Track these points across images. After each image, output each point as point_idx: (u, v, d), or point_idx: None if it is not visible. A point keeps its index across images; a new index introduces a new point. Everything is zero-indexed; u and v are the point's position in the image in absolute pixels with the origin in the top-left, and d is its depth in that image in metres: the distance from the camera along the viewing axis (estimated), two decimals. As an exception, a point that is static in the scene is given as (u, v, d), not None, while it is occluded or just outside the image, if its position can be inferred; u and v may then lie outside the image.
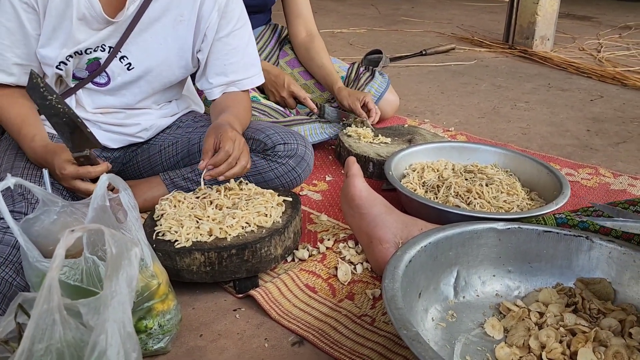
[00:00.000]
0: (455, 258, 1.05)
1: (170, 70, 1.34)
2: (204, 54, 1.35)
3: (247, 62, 1.40)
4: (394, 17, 4.73)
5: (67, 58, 1.23)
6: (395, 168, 1.46)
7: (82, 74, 1.29)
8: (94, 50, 1.25)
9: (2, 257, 0.99)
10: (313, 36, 2.01)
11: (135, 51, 1.28)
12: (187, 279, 1.09)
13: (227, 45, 1.35)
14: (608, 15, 4.81)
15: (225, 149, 1.14)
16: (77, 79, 1.30)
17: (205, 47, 1.33)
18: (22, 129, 1.20)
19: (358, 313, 1.07)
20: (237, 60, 1.38)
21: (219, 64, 1.36)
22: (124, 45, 1.26)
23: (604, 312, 0.98)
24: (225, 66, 1.36)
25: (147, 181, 1.40)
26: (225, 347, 0.99)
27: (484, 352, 0.93)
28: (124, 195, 0.91)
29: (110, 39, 1.25)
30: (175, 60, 1.33)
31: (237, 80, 1.39)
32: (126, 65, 1.29)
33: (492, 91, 2.64)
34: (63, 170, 1.10)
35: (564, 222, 1.13)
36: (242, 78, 1.40)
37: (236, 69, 1.38)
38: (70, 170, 1.09)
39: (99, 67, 1.28)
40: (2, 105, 1.25)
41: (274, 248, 1.13)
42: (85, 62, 1.26)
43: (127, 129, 1.39)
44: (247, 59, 1.40)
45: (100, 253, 0.87)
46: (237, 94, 1.41)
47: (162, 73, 1.33)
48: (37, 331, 0.57)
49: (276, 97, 1.89)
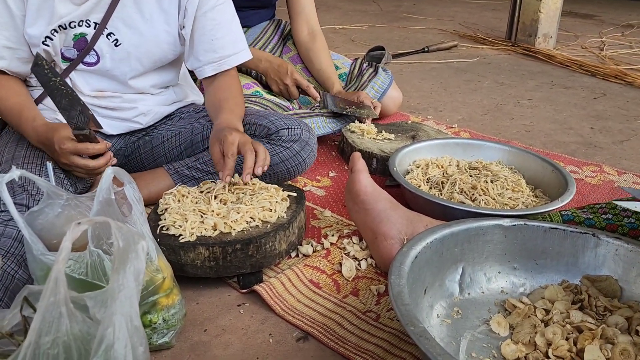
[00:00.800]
0: (461, 254, 1.05)
1: (158, 46, 1.33)
2: (187, 30, 1.33)
3: (234, 38, 1.39)
4: (396, 14, 4.72)
5: (52, 32, 1.24)
6: (400, 164, 1.46)
7: (70, 53, 1.29)
8: (79, 25, 1.25)
9: (4, 250, 0.98)
10: (314, 35, 2.00)
11: (121, 27, 1.28)
12: (191, 273, 1.08)
13: (212, 20, 1.34)
14: (611, 14, 4.80)
15: (229, 154, 1.15)
16: (67, 59, 1.29)
17: (187, 22, 1.32)
18: (23, 112, 1.23)
19: (363, 309, 1.06)
20: (223, 35, 1.36)
21: (205, 40, 1.34)
22: (109, 21, 1.26)
23: (611, 310, 0.97)
24: (212, 42, 1.35)
25: (151, 172, 1.40)
26: (229, 342, 0.98)
27: (489, 349, 0.93)
28: (128, 188, 0.90)
29: (94, 14, 1.25)
30: (163, 37, 1.33)
31: (226, 56, 1.37)
32: (113, 42, 1.29)
33: (495, 88, 2.63)
34: (62, 144, 1.14)
35: (570, 219, 1.12)
36: (231, 53, 1.38)
37: (223, 44, 1.36)
38: (69, 145, 1.13)
39: (86, 45, 1.27)
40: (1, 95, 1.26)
41: (279, 243, 1.13)
42: (72, 38, 1.26)
43: (124, 113, 1.38)
44: (233, 34, 1.39)
45: (105, 246, 0.87)
46: (226, 80, 1.39)
47: (151, 49, 1.32)
48: (44, 324, 0.57)
49: (279, 86, 1.88)
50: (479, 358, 0.91)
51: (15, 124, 1.26)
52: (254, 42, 2.06)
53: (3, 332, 0.67)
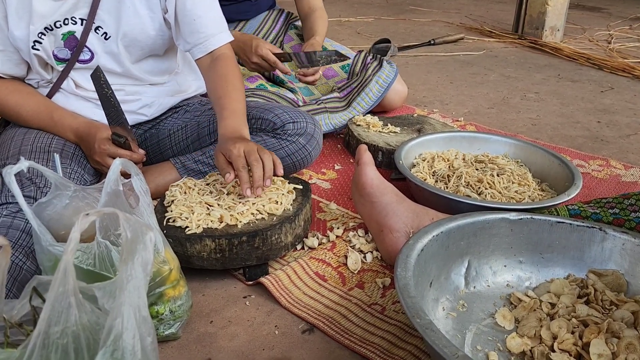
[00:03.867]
0: (467, 248, 1.05)
1: (145, 33, 1.32)
2: (170, 13, 1.32)
3: (215, 15, 1.36)
4: (401, 6, 4.69)
5: (40, 36, 1.24)
6: (405, 157, 1.45)
7: (63, 53, 1.29)
8: (64, 24, 1.25)
9: (12, 241, 0.99)
10: (314, 10, 1.99)
11: (108, 19, 1.28)
12: (197, 265, 1.09)
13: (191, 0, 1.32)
14: (618, 7, 4.76)
15: (240, 168, 1.12)
16: (62, 60, 1.29)
17: (169, 5, 1.31)
18: (54, 112, 1.31)
19: (368, 302, 1.07)
20: (204, 13, 1.33)
21: (187, 21, 1.32)
22: (96, 15, 1.26)
23: (617, 304, 0.97)
24: (195, 21, 1.32)
25: (158, 166, 1.40)
26: (235, 334, 0.99)
27: (494, 342, 0.93)
28: (135, 180, 0.90)
29: (78, 10, 1.25)
30: (149, 23, 1.32)
31: (210, 35, 1.34)
32: (102, 35, 1.29)
33: (501, 81, 2.62)
34: (102, 145, 1.25)
35: (577, 214, 1.12)
36: (215, 32, 1.35)
37: (205, 22, 1.33)
38: (108, 147, 1.25)
39: (77, 43, 1.27)
40: (17, 101, 1.28)
41: (285, 236, 1.13)
42: (61, 38, 1.26)
43: (129, 106, 1.38)
44: (213, 11, 1.36)
45: (113, 237, 0.87)
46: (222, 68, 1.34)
47: (139, 37, 1.32)
48: (53, 314, 0.57)
49: (250, 65, 1.81)
50: (484, 351, 0.91)
51: (44, 124, 1.29)
52: (255, 32, 2.05)
53: (12, 321, 0.67)
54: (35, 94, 1.32)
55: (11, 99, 1.29)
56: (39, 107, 1.30)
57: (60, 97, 1.34)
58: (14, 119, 1.32)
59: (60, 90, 1.34)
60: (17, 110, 1.29)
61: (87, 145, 1.28)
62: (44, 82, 1.34)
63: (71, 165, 1.23)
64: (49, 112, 1.30)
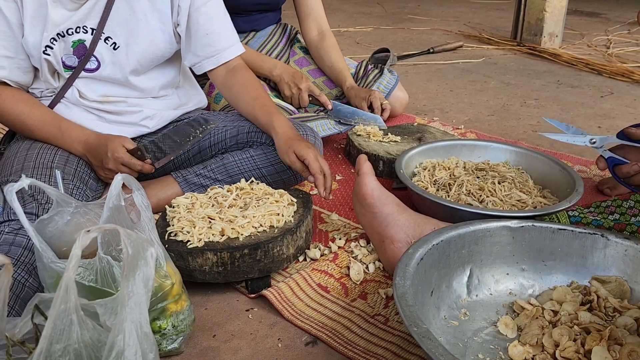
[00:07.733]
0: (468, 256, 1.05)
1: (155, 45, 1.34)
2: (182, 27, 1.35)
3: (228, 31, 1.42)
4: (400, 15, 4.72)
5: (51, 41, 1.25)
6: (406, 166, 1.46)
7: (71, 61, 1.30)
8: (76, 32, 1.27)
9: (14, 259, 0.99)
10: (324, 34, 2.02)
11: (118, 30, 1.29)
12: (199, 279, 1.09)
13: (205, 14, 1.36)
14: (616, 12, 4.77)
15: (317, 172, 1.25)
16: (69, 67, 1.31)
17: (182, 20, 1.34)
18: (61, 123, 1.31)
19: (371, 312, 1.07)
20: (218, 29, 1.39)
21: (200, 35, 1.36)
22: (106, 25, 1.28)
23: (620, 311, 0.97)
24: (207, 36, 1.37)
25: (160, 181, 1.40)
26: (238, 348, 0.99)
27: (496, 351, 0.93)
28: (137, 195, 0.91)
29: (90, 20, 1.27)
30: (159, 35, 1.34)
31: (222, 49, 1.40)
32: (112, 45, 1.30)
33: (501, 89, 2.62)
34: (116, 152, 1.25)
35: (577, 222, 1.12)
36: (227, 46, 1.41)
37: (219, 37, 1.39)
38: (123, 155, 1.25)
39: (86, 52, 1.29)
40: (23, 110, 1.28)
41: (286, 248, 1.13)
42: (70, 45, 1.28)
43: (131, 117, 1.39)
44: (226, 27, 1.42)
45: (114, 253, 0.88)
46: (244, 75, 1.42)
47: (148, 49, 1.34)
48: (55, 331, 0.57)
49: (292, 90, 1.88)
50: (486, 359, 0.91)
51: (50, 134, 1.29)
52: (261, 46, 2.06)
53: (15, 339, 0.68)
54: (40, 105, 1.32)
55: (17, 107, 1.28)
56: (45, 117, 1.29)
57: (63, 108, 1.34)
58: (19, 128, 1.31)
59: (62, 102, 1.34)
60: (23, 119, 1.28)
61: (96, 156, 1.27)
62: (47, 92, 1.34)
63: (73, 181, 1.23)
64: (56, 122, 1.30)
